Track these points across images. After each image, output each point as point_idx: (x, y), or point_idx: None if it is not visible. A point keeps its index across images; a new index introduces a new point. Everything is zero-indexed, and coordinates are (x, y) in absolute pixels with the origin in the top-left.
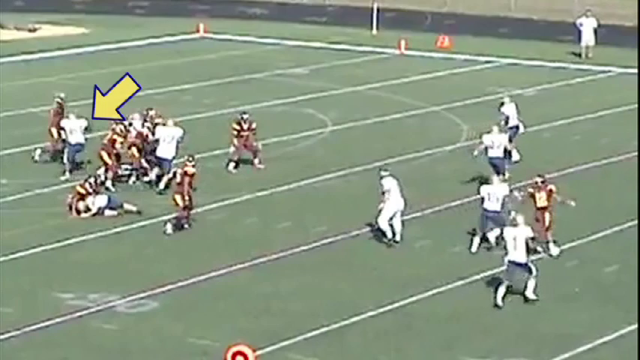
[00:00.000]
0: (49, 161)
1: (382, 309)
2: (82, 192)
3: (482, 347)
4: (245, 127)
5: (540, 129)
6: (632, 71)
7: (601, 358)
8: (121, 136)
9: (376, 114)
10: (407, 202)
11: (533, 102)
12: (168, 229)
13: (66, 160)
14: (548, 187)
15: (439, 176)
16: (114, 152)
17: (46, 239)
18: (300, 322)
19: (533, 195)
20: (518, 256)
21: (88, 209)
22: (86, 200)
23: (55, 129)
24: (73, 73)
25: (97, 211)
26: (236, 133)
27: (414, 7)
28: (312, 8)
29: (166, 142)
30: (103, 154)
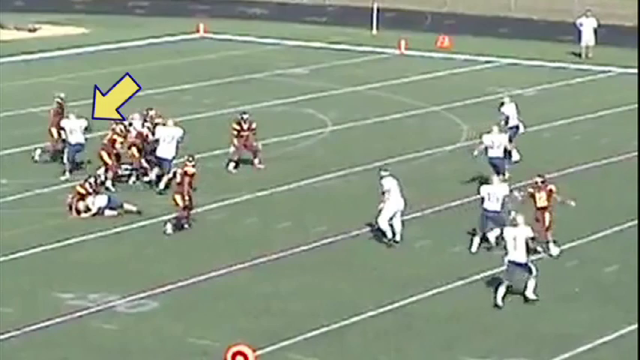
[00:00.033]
0: (49, 161)
1: (382, 309)
2: (82, 192)
3: (482, 347)
4: (245, 127)
5: (540, 129)
6: (632, 71)
7: (601, 358)
8: (121, 136)
9: (376, 114)
10: (407, 202)
11: (533, 102)
12: (168, 229)
13: (66, 160)
14: (548, 187)
15: (439, 176)
16: (114, 152)
17: (46, 239)
18: (300, 322)
19: (533, 195)
20: (518, 256)
21: (88, 209)
22: (86, 200)
23: (55, 129)
24: (73, 73)
25: (97, 211)
26: (236, 133)
27: (414, 7)
28: (312, 8)
29: (166, 142)
30: (103, 154)
